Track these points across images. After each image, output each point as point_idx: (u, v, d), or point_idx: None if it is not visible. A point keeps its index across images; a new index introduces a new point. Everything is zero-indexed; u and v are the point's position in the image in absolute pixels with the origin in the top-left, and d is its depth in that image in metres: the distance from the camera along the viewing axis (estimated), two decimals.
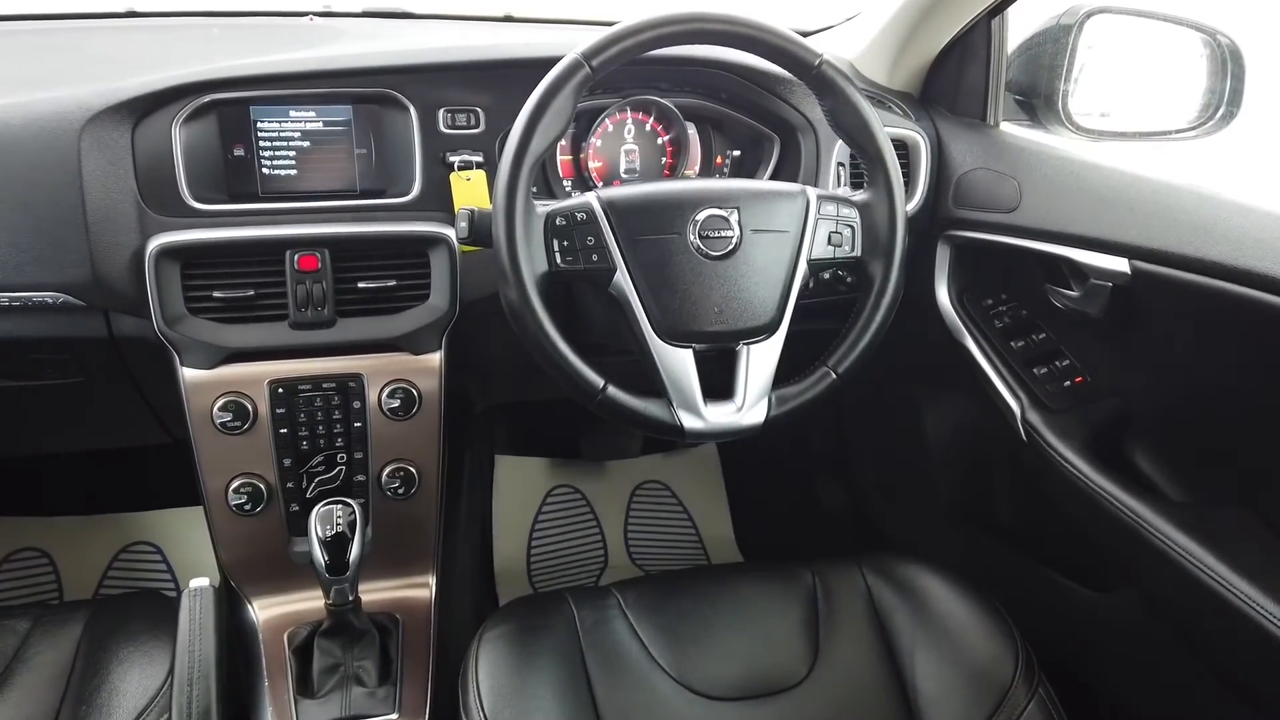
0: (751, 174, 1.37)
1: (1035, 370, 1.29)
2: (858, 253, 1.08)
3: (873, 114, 1.06)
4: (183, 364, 1.15)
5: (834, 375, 1.06)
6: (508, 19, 1.64)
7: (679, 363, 1.01)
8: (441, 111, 1.19)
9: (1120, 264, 1.09)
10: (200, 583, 1.04)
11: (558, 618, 1.15)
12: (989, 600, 1.17)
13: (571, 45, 0.99)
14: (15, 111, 1.09)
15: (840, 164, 1.32)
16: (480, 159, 1.20)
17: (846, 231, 1.08)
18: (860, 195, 1.10)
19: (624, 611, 1.17)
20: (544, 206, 1.00)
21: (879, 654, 1.14)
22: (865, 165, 1.09)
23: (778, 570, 1.23)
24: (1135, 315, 1.13)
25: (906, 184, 1.30)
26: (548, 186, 1.31)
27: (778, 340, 1.05)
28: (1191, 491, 1.15)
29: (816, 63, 1.04)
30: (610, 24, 1.00)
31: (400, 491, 1.27)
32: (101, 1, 1.52)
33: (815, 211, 1.06)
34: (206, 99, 1.12)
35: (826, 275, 1.31)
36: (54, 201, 1.08)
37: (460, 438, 1.35)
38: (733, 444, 2.17)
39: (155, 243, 1.09)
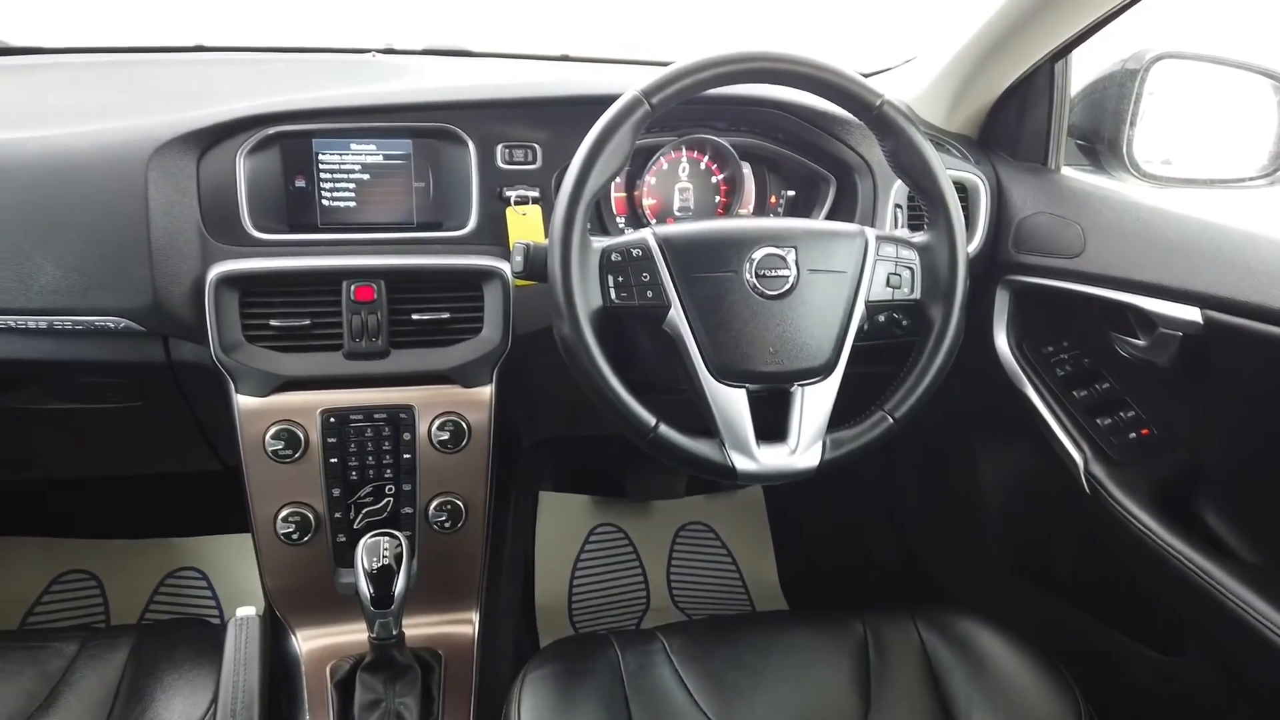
0: (806, 214, 1.36)
1: (1099, 421, 1.25)
2: (917, 295, 1.06)
3: (934, 155, 1.05)
4: (238, 391, 1.16)
5: (891, 420, 1.04)
6: (564, 58, 1.66)
7: (732, 402, 1.00)
8: (499, 147, 1.20)
9: (1191, 313, 1.05)
10: (247, 612, 1.04)
11: (602, 661, 1.12)
12: (1050, 660, 1.13)
13: (629, 84, 1.00)
14: (86, 140, 1.12)
15: (898, 206, 1.30)
16: (536, 194, 1.21)
17: (906, 273, 1.06)
18: (920, 237, 1.08)
19: (669, 657, 1.14)
20: (599, 242, 1.00)
21: (933, 712, 1.10)
22: (926, 207, 1.08)
23: (828, 620, 1.20)
24: (1206, 366, 1.09)
25: (966, 227, 1.28)
26: (601, 222, 1.31)
27: (833, 382, 1.03)
28: (1266, 552, 1.10)
29: (878, 103, 1.03)
30: (665, 64, 1.01)
31: (447, 525, 1.26)
32: (170, 36, 1.57)
33: (874, 252, 1.05)
34: (271, 131, 1.14)
35: (882, 318, 1.29)
36: (120, 228, 1.10)
37: (506, 473, 1.34)
38: (780, 487, 2.13)
39: (216, 271, 1.11)
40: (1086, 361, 1.30)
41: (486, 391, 1.23)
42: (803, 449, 1.01)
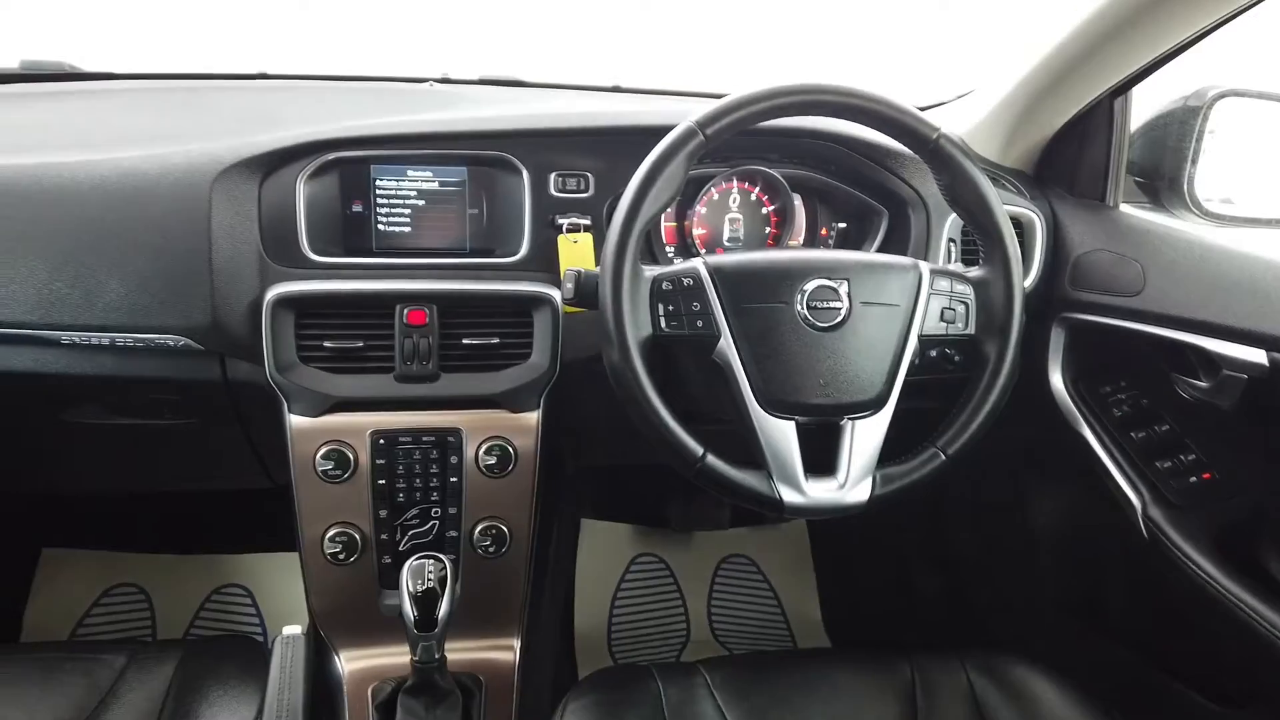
0: (858, 247, 1.35)
1: (1158, 463, 1.22)
2: (971, 330, 1.05)
3: (991, 189, 1.04)
4: (291, 410, 1.18)
5: (943, 456, 1.02)
6: (616, 89, 1.68)
7: (780, 434, 0.99)
8: (553, 175, 1.21)
9: (1257, 355, 1.03)
10: (293, 630, 1.05)
11: (643, 693, 1.11)
12: (1105, 709, 1.09)
13: (680, 115, 1.00)
14: (152, 162, 1.15)
15: (951, 240, 1.29)
16: (588, 222, 1.22)
17: (960, 308, 1.05)
18: (975, 271, 1.07)
19: (712, 692, 1.12)
20: (650, 270, 1.00)
21: None
22: (982, 241, 1.06)
23: (874, 659, 1.18)
24: (1273, 409, 1.06)
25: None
26: (650, 251, 1.31)
27: (884, 416, 1.01)
28: None
29: (934, 136, 1.02)
30: (716, 95, 1.01)
31: (491, 550, 1.26)
32: (235, 63, 1.61)
33: (928, 286, 1.04)
34: (330, 157, 1.17)
35: (934, 353, 1.27)
36: (183, 249, 1.13)
37: (549, 499, 1.34)
38: (824, 521, 2.11)
39: (273, 292, 1.13)
40: (1145, 402, 1.27)
41: (534, 417, 1.24)
42: (852, 484, 1.00)
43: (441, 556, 1.09)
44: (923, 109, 1.53)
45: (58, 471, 1.59)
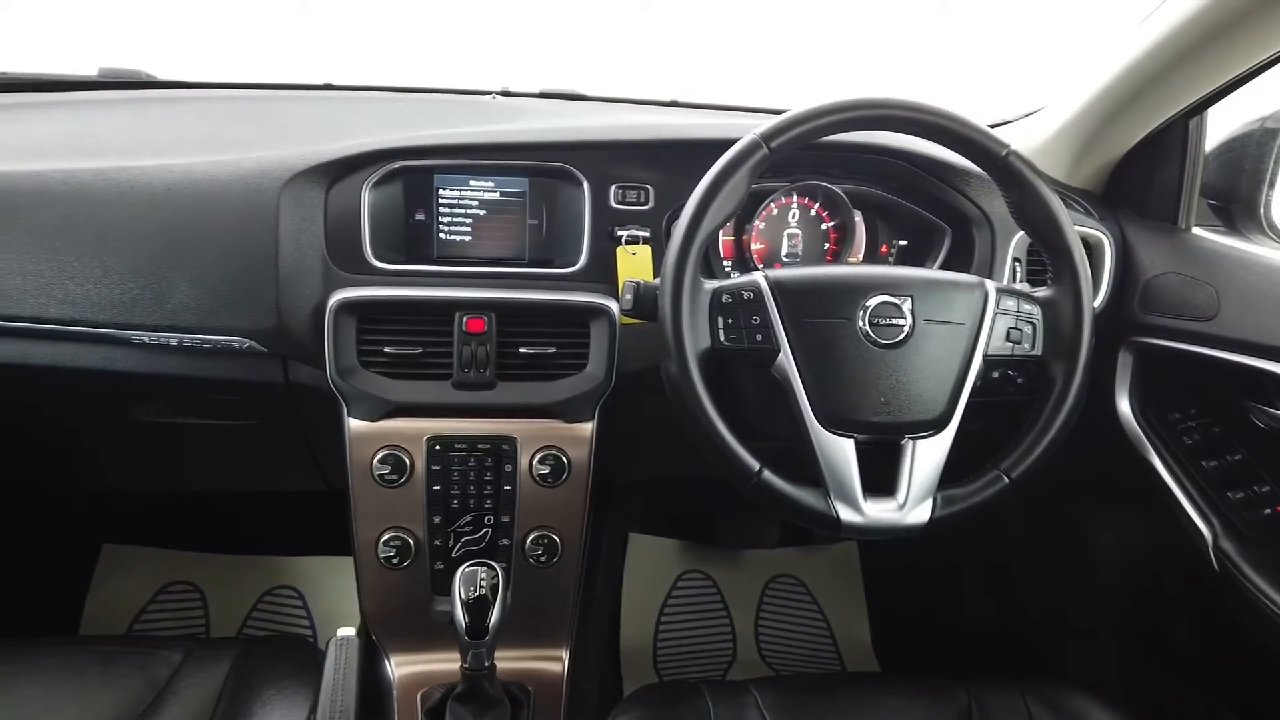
0: (919, 265, 1.34)
1: (1229, 494, 1.18)
2: (1038, 351, 1.03)
3: (1061, 207, 1.02)
4: (350, 414, 1.19)
5: (1006, 479, 1.00)
6: (674, 104, 1.68)
7: (839, 452, 0.97)
8: (613, 187, 1.21)
9: None
10: (347, 632, 1.05)
11: (692, 710, 1.10)
12: None
13: (742, 129, 1.00)
14: (224, 168, 1.18)
15: (1016, 260, 1.27)
16: (647, 234, 1.22)
17: (1027, 328, 1.02)
18: (1043, 291, 1.05)
19: (762, 712, 1.11)
20: (710, 283, 1.00)
21: None
22: (1050, 261, 1.04)
23: (929, 687, 1.15)
24: None
25: None
26: (707, 265, 1.31)
27: (946, 436, 0.99)
28: None
29: (1004, 153, 1.01)
30: (773, 111, 1.01)
31: (542, 559, 1.27)
32: (302, 74, 1.64)
33: (994, 305, 1.02)
34: (396, 165, 1.18)
35: (996, 374, 1.25)
36: (251, 252, 1.15)
37: (599, 512, 1.33)
38: (875, 543, 2.07)
39: (337, 297, 1.14)
40: (1217, 430, 1.23)
41: (588, 428, 1.24)
42: (911, 504, 0.98)
43: (494, 564, 1.09)
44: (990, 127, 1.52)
45: (121, 468, 1.62)
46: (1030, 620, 1.76)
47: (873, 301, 0.99)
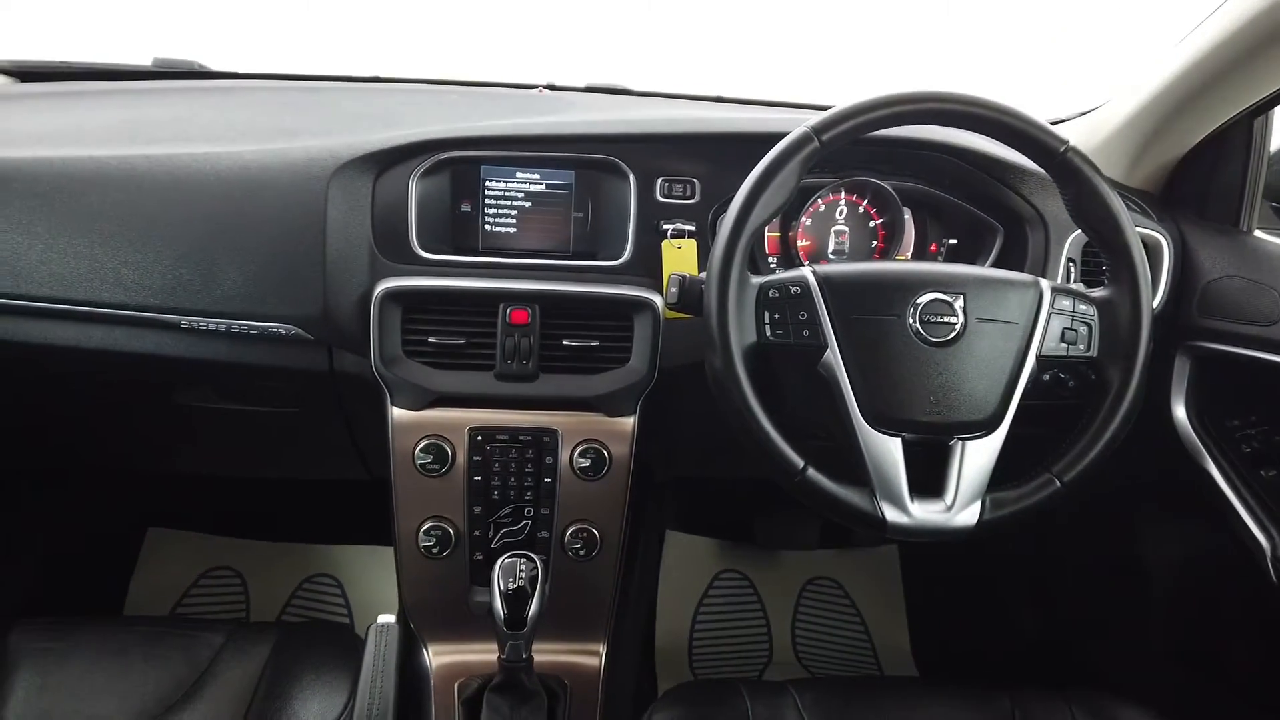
0: (970, 264, 1.31)
1: None
2: (1093, 353, 1.00)
3: (1120, 206, 0.99)
4: (393, 403, 1.19)
5: (1058, 483, 0.97)
6: (718, 99, 1.67)
7: (886, 451, 0.95)
8: (659, 181, 1.21)
9: None
10: (387, 619, 1.06)
11: (730, 709, 1.09)
12: None
13: (791, 124, 0.98)
14: (273, 156, 1.19)
15: (1071, 260, 1.24)
16: (693, 228, 1.21)
17: (1083, 329, 1.00)
18: (1100, 292, 1.02)
19: (801, 713, 1.09)
20: (757, 278, 0.99)
21: None
22: (1108, 260, 1.01)
23: (972, 693, 1.13)
24: None
25: None
26: (752, 261, 1.29)
27: (997, 438, 0.97)
28: None
29: (1061, 149, 0.98)
30: (819, 107, 0.99)
31: (581, 553, 1.26)
32: (351, 67, 1.66)
33: (1049, 305, 0.99)
34: (443, 156, 1.18)
35: (1047, 377, 1.22)
36: (299, 240, 1.16)
37: (639, 508, 1.33)
38: (915, 547, 2.04)
39: (382, 286, 1.15)
40: (1278, 439, 1.20)
41: (629, 422, 1.23)
42: (959, 507, 0.96)
43: (533, 556, 1.09)
44: None
45: (166, 452, 1.65)
46: (1075, 630, 1.72)
47: (924, 299, 0.97)
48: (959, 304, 0.97)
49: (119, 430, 1.56)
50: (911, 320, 0.97)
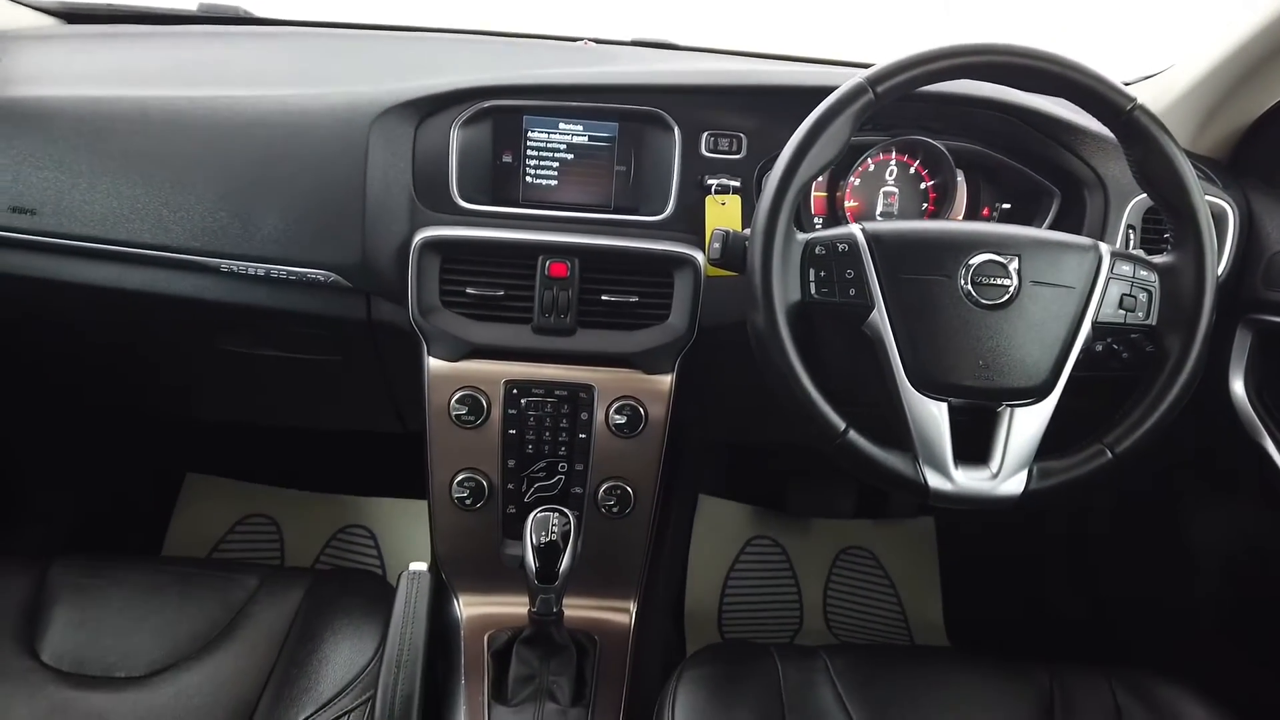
0: None
1: None
2: (1152, 321, 0.96)
3: (1188, 168, 0.95)
4: (430, 353, 1.19)
5: (1110, 455, 0.94)
6: (766, 56, 1.63)
7: (931, 416, 0.93)
8: (705, 135, 1.18)
9: None
10: (419, 567, 1.06)
11: (760, 671, 1.08)
12: None
13: (839, 79, 0.95)
14: (315, 101, 1.18)
15: (1130, 227, 1.19)
16: (738, 184, 1.18)
17: (1142, 296, 0.96)
18: (1162, 258, 0.98)
19: (832, 678, 1.08)
20: (803, 235, 0.96)
21: None
22: (1173, 225, 0.97)
23: (1010, 666, 1.11)
24: None
25: None
26: (797, 220, 1.26)
27: (1047, 406, 0.94)
28: None
29: (1128, 107, 0.94)
30: (865, 65, 0.95)
31: (615, 510, 1.26)
32: (395, 16, 1.64)
33: (1108, 269, 0.95)
34: (486, 104, 1.16)
35: (1100, 347, 1.19)
36: (339, 186, 1.15)
37: (673, 469, 1.32)
38: (952, 520, 2.02)
39: (421, 235, 1.14)
40: None
41: (667, 380, 1.21)
42: (1006, 475, 0.93)
43: (566, 511, 1.08)
44: None
45: (205, 397, 1.67)
46: (1117, 609, 1.69)
47: (976, 260, 0.94)
48: (1013, 266, 0.94)
49: (159, 374, 1.57)
50: (963, 281, 0.94)
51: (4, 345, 1.48)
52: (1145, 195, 1.17)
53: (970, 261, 0.94)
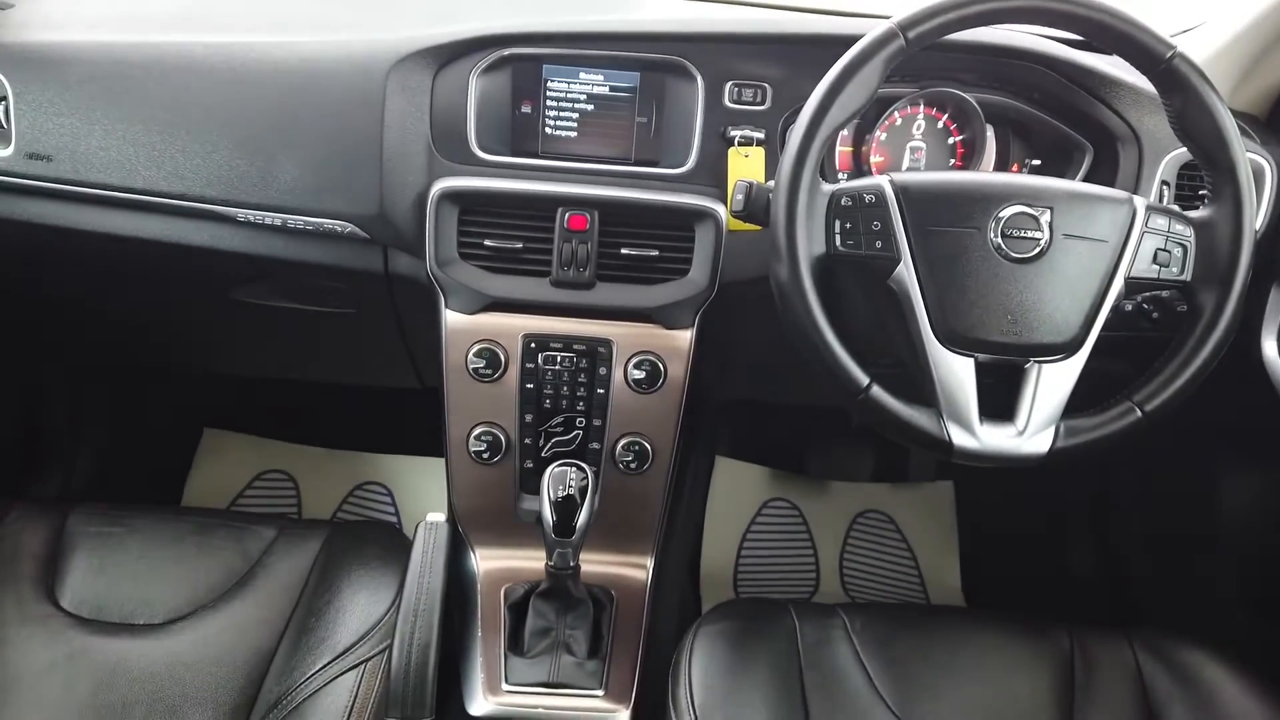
0: None
1: None
2: (1187, 276, 0.94)
3: (1229, 119, 0.92)
4: (447, 306, 1.18)
5: (1139, 412, 0.92)
6: (789, 8, 1.59)
7: (956, 371, 0.91)
8: (728, 85, 1.15)
9: None
10: (437, 517, 1.06)
11: (778, 627, 1.07)
12: None
13: (867, 29, 0.92)
14: (333, 48, 1.16)
15: (1165, 183, 1.16)
16: (761, 135, 1.15)
17: (1177, 251, 0.94)
18: (1198, 212, 0.95)
19: (850, 635, 1.08)
20: (829, 185, 0.94)
21: None
22: (1211, 178, 0.94)
23: (1029, 626, 1.10)
24: None
25: None
26: (821, 173, 1.24)
27: (1076, 363, 0.92)
28: None
29: (1168, 55, 0.91)
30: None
31: (633, 466, 1.25)
32: None
33: (1143, 223, 0.93)
34: (505, 52, 1.14)
35: (1130, 306, 1.16)
36: (356, 136, 1.14)
37: (691, 428, 1.31)
38: (971, 485, 2.00)
39: (439, 186, 1.12)
40: None
41: (687, 335, 1.20)
42: (1031, 433, 0.92)
43: (584, 465, 1.08)
44: None
45: (222, 350, 1.67)
46: (1139, 576, 1.68)
47: (1007, 212, 0.91)
48: (1045, 219, 0.92)
49: (176, 327, 1.57)
50: (992, 234, 0.91)
51: (24, 296, 1.48)
52: (1180, 152, 1.16)
53: (1000, 214, 0.91)
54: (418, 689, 0.93)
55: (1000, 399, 0.93)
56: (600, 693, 1.16)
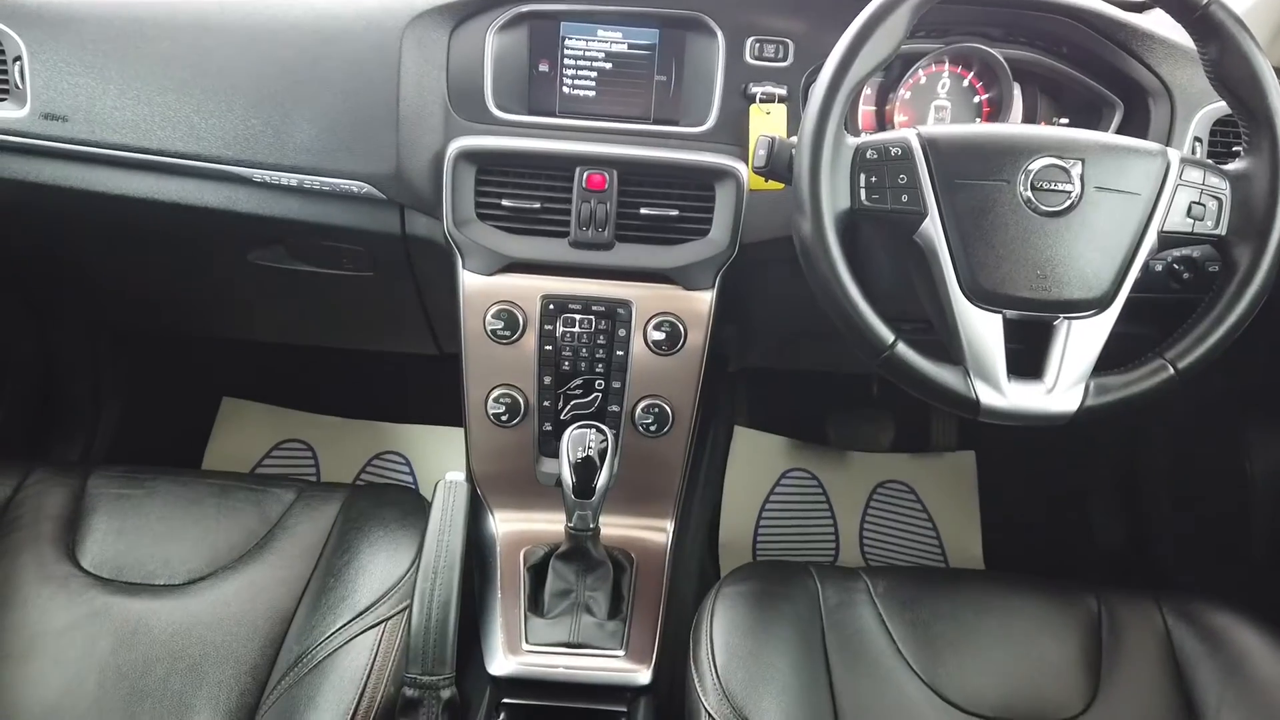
0: None
1: None
2: (1221, 230, 0.91)
3: (1267, 67, 0.89)
4: (465, 267, 1.17)
5: (1172, 370, 0.90)
6: None
7: (984, 328, 0.89)
8: (750, 41, 1.13)
9: None
10: (456, 476, 1.05)
11: (800, 589, 1.07)
12: None
13: None
14: (349, 5, 1.15)
15: (1197, 139, 1.14)
16: (784, 92, 1.13)
17: (1212, 204, 0.91)
18: (1234, 165, 0.93)
19: (873, 598, 1.07)
20: (854, 138, 0.92)
21: (1174, 709, 0.96)
22: (1248, 129, 0.92)
23: (1056, 589, 1.08)
24: None
25: None
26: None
27: (1107, 319, 0.90)
28: None
29: (1205, 1, 0.88)
30: None
31: (652, 428, 1.24)
32: None
33: (1176, 176, 0.90)
34: (523, 9, 1.13)
35: (1160, 267, 1.14)
36: (372, 94, 1.13)
37: (710, 397, 1.29)
38: (993, 455, 1.98)
39: (456, 145, 1.11)
40: None
41: (707, 297, 1.18)
42: (1061, 390, 0.90)
43: (603, 428, 1.07)
44: None
45: (240, 316, 1.66)
46: (1166, 543, 1.66)
47: (1037, 164, 0.89)
48: (1076, 171, 0.89)
49: (193, 292, 1.57)
50: (1022, 187, 0.89)
51: (43, 259, 1.48)
52: (1213, 107, 1.13)
53: (1030, 166, 0.89)
54: (438, 646, 0.93)
55: (1028, 357, 0.91)
56: (621, 653, 1.16)
